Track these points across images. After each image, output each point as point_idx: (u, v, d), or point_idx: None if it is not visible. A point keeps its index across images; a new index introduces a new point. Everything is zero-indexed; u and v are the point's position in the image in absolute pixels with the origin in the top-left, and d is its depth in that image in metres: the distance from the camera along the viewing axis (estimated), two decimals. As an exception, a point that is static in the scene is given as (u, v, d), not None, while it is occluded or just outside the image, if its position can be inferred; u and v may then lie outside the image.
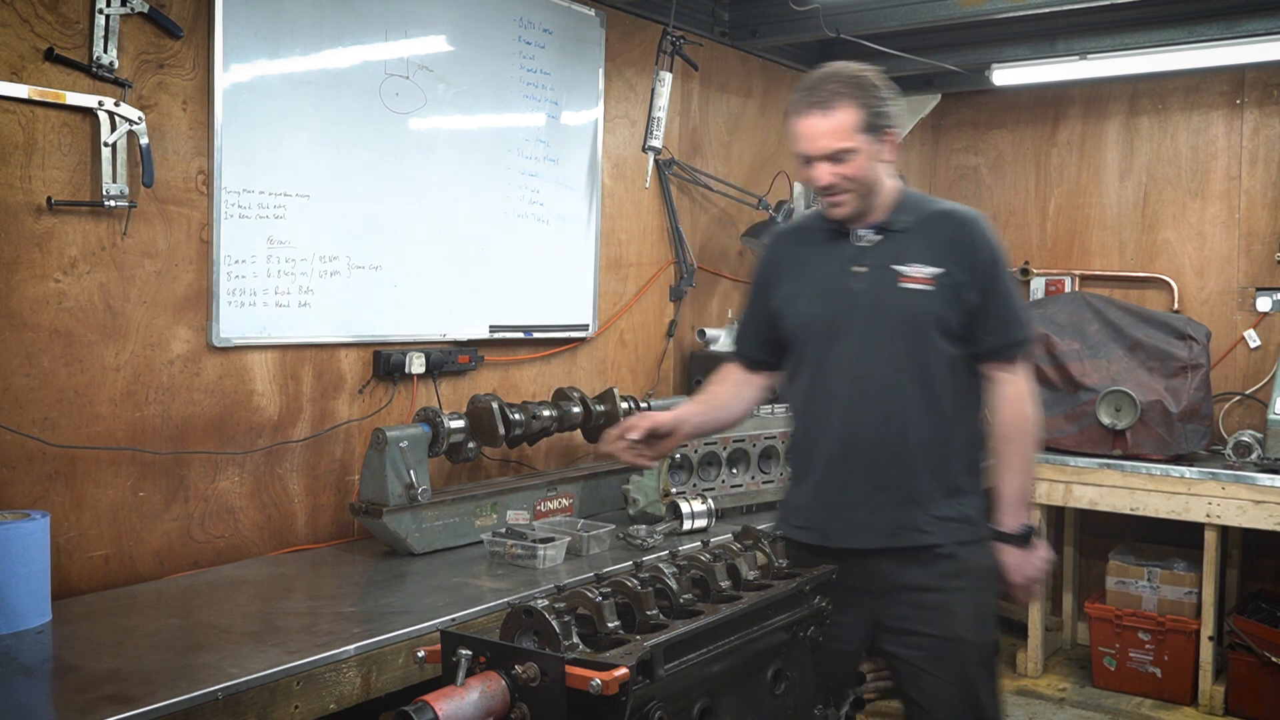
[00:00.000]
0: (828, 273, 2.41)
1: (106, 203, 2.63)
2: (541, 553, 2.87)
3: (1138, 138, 5.34)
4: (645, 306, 4.34)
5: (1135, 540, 5.06)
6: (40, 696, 2.06)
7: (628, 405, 3.69)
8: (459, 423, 3.20)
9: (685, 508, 3.32)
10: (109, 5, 2.62)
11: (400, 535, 2.96)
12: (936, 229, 2.37)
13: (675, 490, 3.43)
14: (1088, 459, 4.63)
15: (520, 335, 3.76)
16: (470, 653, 1.87)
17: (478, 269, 3.59)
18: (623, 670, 1.79)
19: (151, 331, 2.78)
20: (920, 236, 2.36)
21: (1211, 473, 4.36)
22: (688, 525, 3.30)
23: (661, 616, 2.10)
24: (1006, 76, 5.02)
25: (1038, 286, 5.49)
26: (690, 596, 2.22)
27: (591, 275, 4.04)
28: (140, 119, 2.67)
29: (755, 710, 2.28)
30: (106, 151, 2.63)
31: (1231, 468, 4.39)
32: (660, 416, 2.42)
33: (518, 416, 3.36)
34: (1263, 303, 5.00)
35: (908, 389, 2.33)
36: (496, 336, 3.67)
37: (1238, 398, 5.04)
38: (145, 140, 2.68)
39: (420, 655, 2.08)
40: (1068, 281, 5.43)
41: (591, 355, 4.11)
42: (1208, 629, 4.48)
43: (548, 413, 3.50)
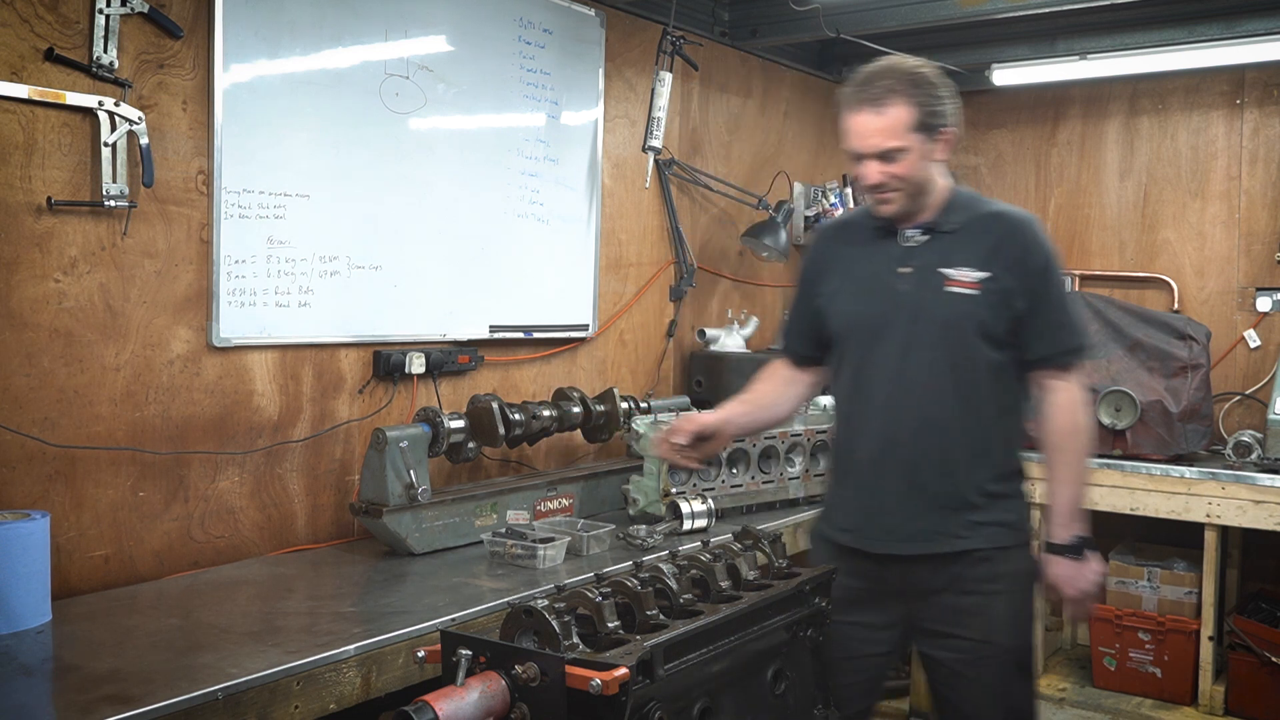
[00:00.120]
0: (874, 271, 2.36)
1: (106, 203, 2.63)
2: (541, 553, 2.87)
3: (1138, 138, 5.33)
4: (645, 306, 4.34)
5: (1135, 540, 5.05)
6: (40, 696, 2.06)
7: (627, 405, 3.70)
8: (459, 423, 3.20)
9: (685, 508, 3.32)
10: (109, 5, 2.62)
11: (400, 535, 2.96)
12: (986, 231, 2.31)
13: (675, 490, 3.43)
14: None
15: (520, 335, 3.76)
16: (470, 653, 1.87)
17: (478, 269, 3.59)
18: (623, 670, 1.79)
19: (151, 331, 2.78)
20: (969, 238, 2.31)
21: (1211, 473, 4.36)
22: (688, 525, 3.30)
23: (661, 616, 2.10)
24: (1006, 76, 5.02)
25: (1038, 286, 5.48)
26: (690, 596, 2.22)
27: (591, 275, 4.04)
28: (140, 119, 2.67)
29: (755, 710, 2.28)
30: (106, 151, 2.63)
31: (1231, 468, 4.39)
32: (705, 418, 2.40)
33: (518, 416, 3.36)
34: (1263, 303, 5.00)
35: (947, 394, 2.28)
36: (496, 336, 3.67)
37: (1238, 398, 5.04)
38: (145, 140, 2.68)
39: (420, 655, 2.08)
40: (1068, 281, 5.43)
41: (591, 355, 4.11)
42: (1208, 629, 4.47)
43: (548, 413, 3.50)
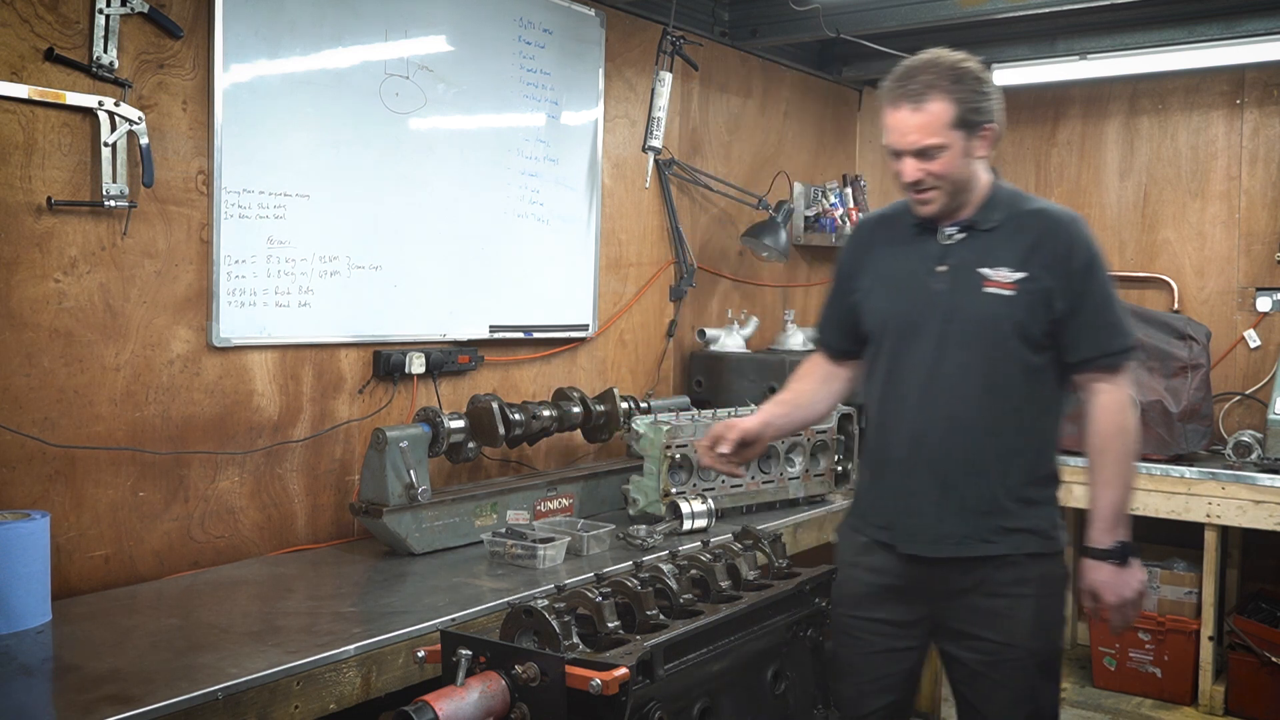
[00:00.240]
0: (911, 269, 2.32)
1: (106, 203, 2.63)
2: (541, 553, 2.87)
3: (1138, 138, 5.33)
4: (645, 306, 4.34)
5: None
6: (40, 696, 2.06)
7: (627, 405, 3.70)
8: (459, 423, 3.20)
9: (685, 508, 3.32)
10: (109, 5, 2.62)
11: (400, 535, 2.96)
12: (1025, 229, 2.26)
13: (675, 490, 3.43)
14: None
15: (520, 335, 3.76)
16: (470, 653, 1.87)
17: (478, 269, 3.59)
18: (623, 670, 1.80)
19: (151, 331, 2.78)
20: (1008, 237, 2.25)
21: (1211, 473, 4.36)
22: (688, 525, 3.30)
23: (661, 616, 2.10)
24: (1006, 76, 5.02)
25: (1038, 286, 5.48)
26: (690, 596, 2.23)
27: (591, 275, 4.04)
28: (140, 119, 2.67)
29: (755, 710, 2.29)
30: (106, 151, 2.63)
31: (1231, 468, 4.39)
32: (747, 424, 2.37)
33: (518, 416, 3.36)
34: (1263, 303, 5.00)
35: (979, 396, 2.24)
36: (496, 336, 3.67)
37: (1238, 398, 5.04)
38: (145, 140, 2.68)
39: (420, 655, 2.09)
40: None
41: (591, 355, 4.11)
42: (1208, 629, 4.47)
43: (548, 413, 3.50)
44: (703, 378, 4.38)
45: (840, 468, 3.88)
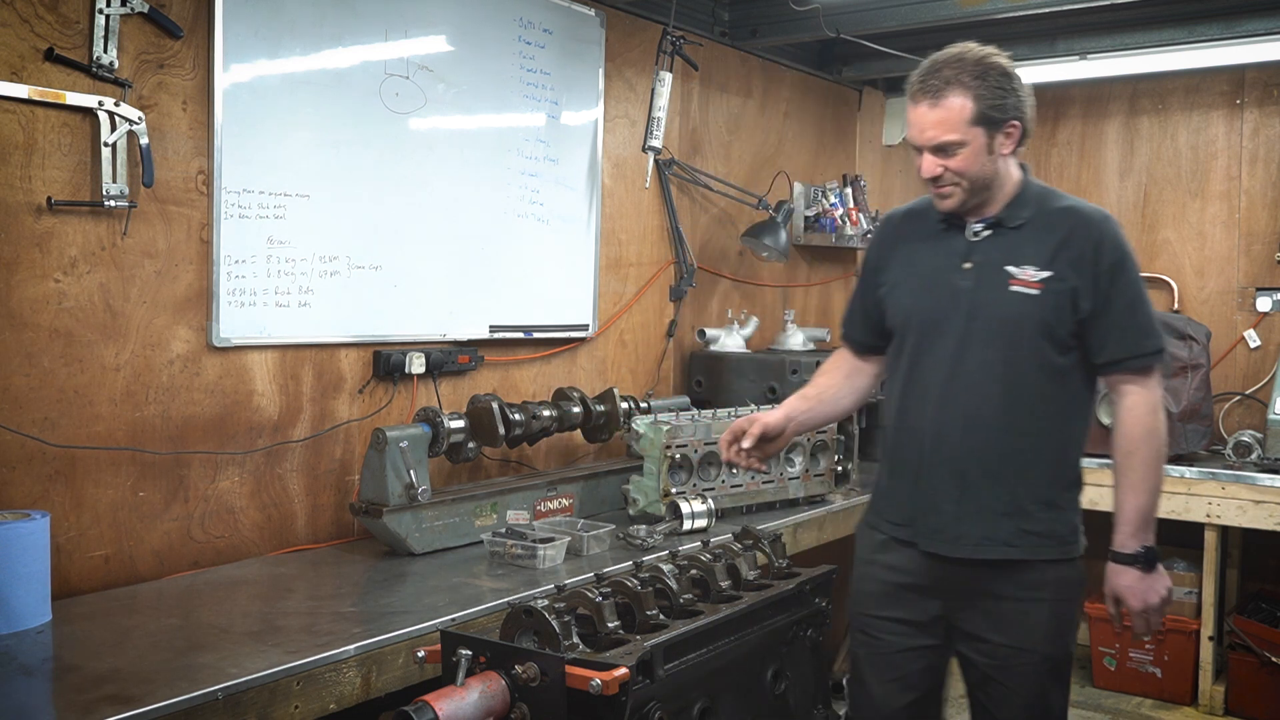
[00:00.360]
0: (936, 265, 2.30)
1: (106, 203, 2.63)
2: (541, 553, 2.87)
3: (1138, 138, 5.34)
4: (645, 306, 4.34)
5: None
6: (40, 696, 2.06)
7: (627, 405, 3.70)
8: (459, 423, 3.20)
9: (685, 508, 3.32)
10: (109, 5, 2.62)
11: (400, 535, 2.96)
12: (1053, 227, 2.23)
13: (675, 490, 3.43)
14: (1088, 459, 4.58)
15: (520, 335, 3.76)
16: (470, 653, 1.87)
17: (478, 269, 3.59)
18: (623, 670, 1.80)
19: (151, 331, 2.78)
20: (1035, 234, 2.23)
21: (1211, 473, 4.37)
22: (688, 525, 3.30)
23: (661, 616, 2.10)
24: (1006, 76, 5.01)
25: (1038, 286, 5.49)
26: (690, 596, 2.23)
27: (591, 275, 4.04)
28: (140, 119, 2.67)
29: (755, 710, 2.29)
30: (106, 151, 2.63)
31: (1231, 468, 4.39)
32: (769, 418, 2.36)
33: (518, 416, 3.36)
34: (1263, 303, 5.01)
35: (1001, 395, 2.21)
36: (496, 336, 3.67)
37: (1238, 398, 5.04)
38: (145, 140, 2.68)
39: (420, 655, 2.09)
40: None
41: (591, 355, 4.11)
42: (1208, 629, 4.48)
43: (548, 413, 3.50)
44: (703, 378, 4.39)
45: (840, 468, 3.88)
